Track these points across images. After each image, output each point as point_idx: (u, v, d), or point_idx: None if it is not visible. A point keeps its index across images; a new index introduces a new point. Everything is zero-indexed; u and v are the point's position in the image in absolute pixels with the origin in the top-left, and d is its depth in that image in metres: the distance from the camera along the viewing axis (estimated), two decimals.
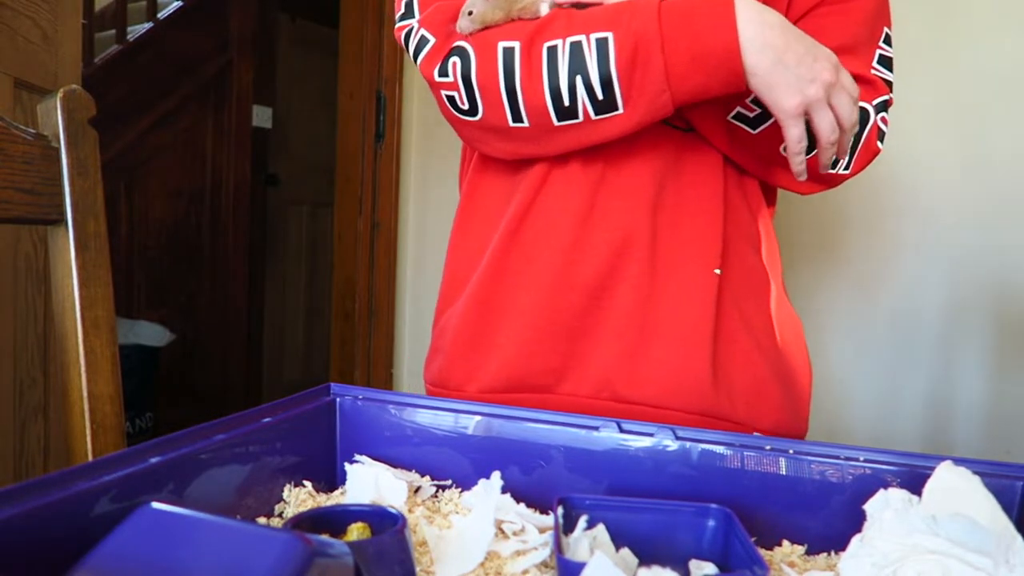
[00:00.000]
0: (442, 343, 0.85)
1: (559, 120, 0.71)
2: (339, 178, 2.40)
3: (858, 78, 0.75)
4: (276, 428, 0.53)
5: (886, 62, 0.82)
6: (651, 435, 0.54)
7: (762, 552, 0.50)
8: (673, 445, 0.54)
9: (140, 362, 2.61)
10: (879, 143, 0.81)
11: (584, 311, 0.78)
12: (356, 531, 0.44)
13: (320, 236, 3.55)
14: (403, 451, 0.58)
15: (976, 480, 0.47)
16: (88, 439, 0.65)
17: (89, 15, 2.49)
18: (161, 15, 2.81)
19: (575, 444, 0.55)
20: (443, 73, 0.74)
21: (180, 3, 2.86)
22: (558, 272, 0.78)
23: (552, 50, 0.70)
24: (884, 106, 0.81)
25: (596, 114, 0.70)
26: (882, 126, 0.81)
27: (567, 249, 0.78)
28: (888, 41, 0.82)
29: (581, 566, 0.39)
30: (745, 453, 0.53)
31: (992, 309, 1.59)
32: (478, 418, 0.57)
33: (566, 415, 0.57)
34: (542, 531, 0.50)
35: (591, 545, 0.45)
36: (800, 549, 0.52)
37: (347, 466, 0.57)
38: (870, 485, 0.51)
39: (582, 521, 0.46)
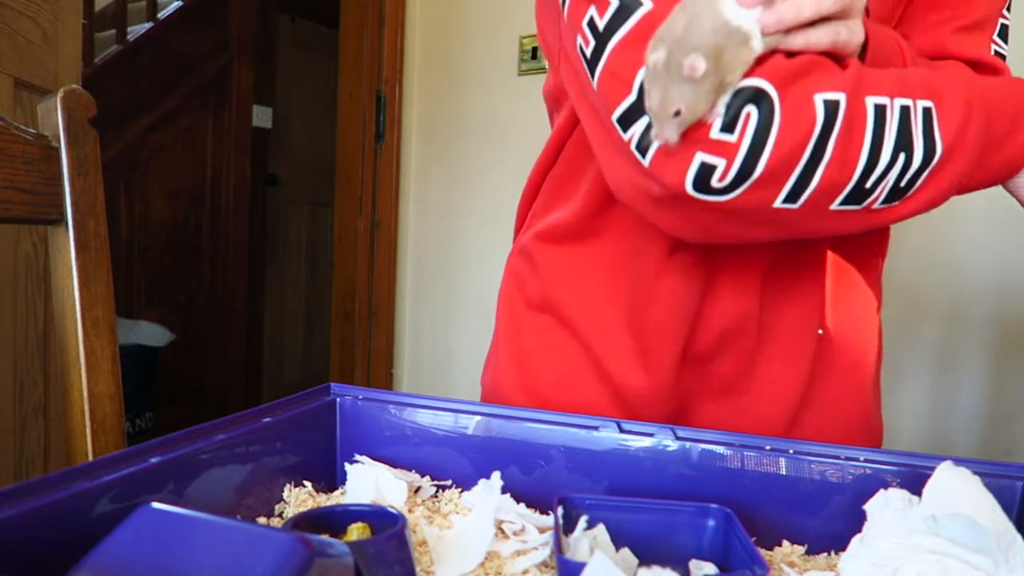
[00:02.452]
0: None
1: (840, 204, 0.55)
2: (339, 178, 2.40)
3: (978, 64, 0.67)
4: (276, 428, 0.53)
5: (1004, 33, 0.70)
6: (651, 435, 0.54)
7: (762, 552, 0.50)
8: (673, 445, 0.54)
9: (140, 362, 2.61)
10: None
11: (691, 379, 0.72)
12: (356, 531, 0.44)
13: (320, 236, 3.55)
14: (403, 451, 0.58)
15: (976, 480, 0.47)
16: (88, 439, 0.65)
17: (89, 15, 2.49)
18: (161, 15, 2.82)
19: (575, 444, 0.55)
20: (728, 129, 0.51)
21: (180, 3, 2.86)
22: (680, 351, 0.71)
23: (880, 110, 0.52)
24: None
25: (883, 203, 0.55)
26: None
27: (690, 327, 0.70)
28: (1009, 6, 0.70)
29: (581, 566, 0.39)
30: (745, 453, 0.53)
31: (992, 310, 1.59)
32: (478, 418, 0.57)
33: (566, 415, 0.57)
34: (542, 531, 0.50)
35: (591, 545, 0.45)
36: (800, 549, 0.52)
37: (347, 466, 0.57)
38: (870, 485, 0.51)
39: (582, 521, 0.46)
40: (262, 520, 0.51)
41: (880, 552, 0.43)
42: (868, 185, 0.53)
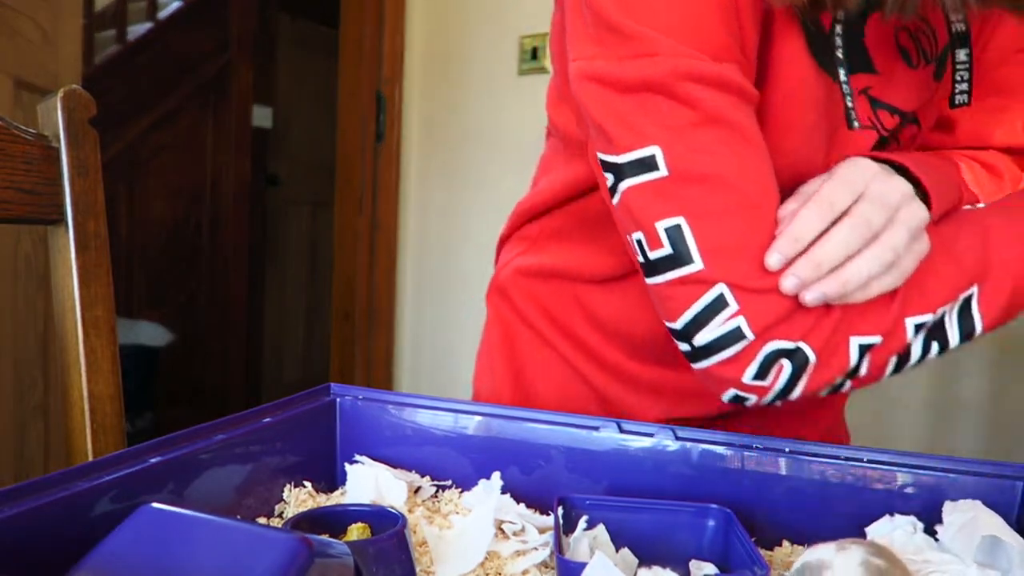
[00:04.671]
0: None
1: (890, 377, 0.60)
2: (339, 178, 2.40)
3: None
4: (276, 428, 0.53)
5: None
6: (651, 435, 0.54)
7: (762, 552, 0.50)
8: (673, 445, 0.54)
9: (140, 362, 2.61)
10: None
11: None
12: (356, 531, 0.44)
13: (320, 236, 3.55)
14: (403, 451, 0.58)
15: (977, 503, 0.47)
16: (88, 439, 0.65)
17: (89, 15, 2.49)
18: (161, 15, 2.82)
19: (575, 444, 0.55)
20: (760, 376, 0.54)
21: (180, 3, 2.86)
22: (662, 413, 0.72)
23: (919, 327, 0.54)
24: None
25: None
26: None
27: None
28: None
29: (581, 566, 0.39)
30: (745, 453, 0.53)
31: None
32: (478, 418, 0.57)
33: (566, 415, 0.57)
34: (542, 531, 0.50)
35: (591, 545, 0.45)
36: (800, 549, 0.51)
37: (347, 466, 0.57)
38: (871, 485, 0.51)
39: (582, 521, 0.46)
40: (262, 520, 0.51)
41: None
42: (905, 371, 0.56)
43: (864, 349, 0.53)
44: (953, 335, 0.55)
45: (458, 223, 2.25)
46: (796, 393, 0.54)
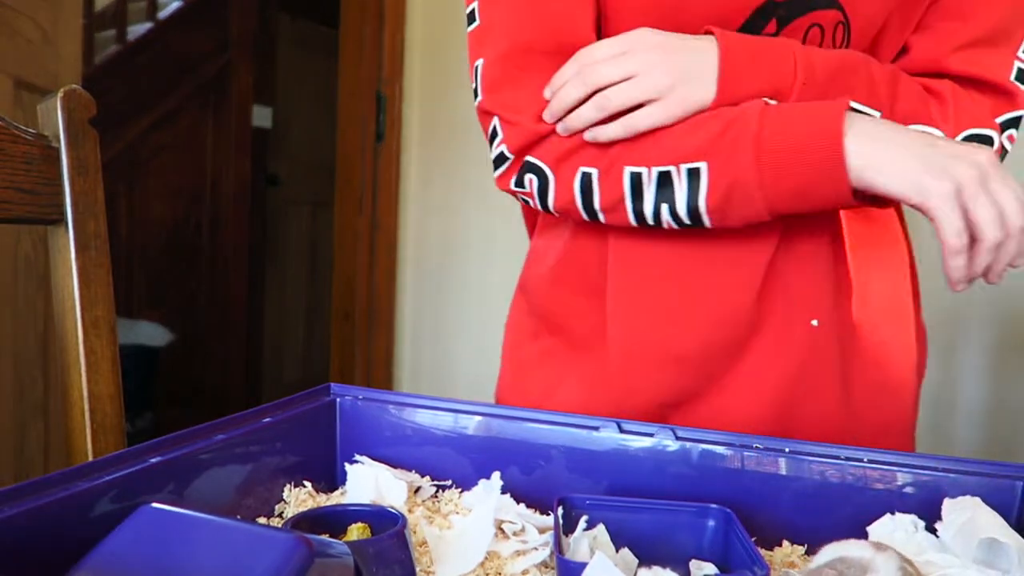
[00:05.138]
0: None
1: (646, 227, 0.66)
2: (339, 178, 2.39)
3: (990, 84, 0.67)
4: (276, 428, 0.53)
5: None
6: (651, 435, 0.54)
7: (762, 552, 0.50)
8: (673, 445, 0.54)
9: (140, 362, 2.61)
10: None
11: (675, 377, 0.73)
12: (356, 531, 0.44)
13: (320, 236, 3.54)
14: (403, 451, 0.58)
15: (977, 501, 0.47)
16: (88, 439, 0.65)
17: (89, 15, 2.49)
18: (161, 15, 2.81)
19: (575, 444, 0.55)
20: (519, 184, 0.69)
21: (180, 3, 2.86)
22: (658, 345, 0.71)
23: (636, 176, 0.63)
24: (1015, 122, 0.68)
25: (680, 228, 0.65)
26: (1007, 145, 0.69)
27: (670, 323, 0.71)
28: None
29: (581, 566, 0.39)
30: (745, 453, 0.53)
31: (992, 310, 1.59)
32: (478, 418, 0.57)
33: (566, 415, 0.57)
34: (542, 531, 0.50)
35: (591, 545, 0.45)
36: (800, 549, 0.52)
37: (347, 466, 0.57)
38: (871, 485, 0.51)
39: (582, 521, 0.46)
40: (262, 520, 0.51)
41: None
42: (651, 223, 0.65)
43: (586, 177, 0.65)
44: (680, 202, 0.62)
45: (458, 223, 2.25)
46: (551, 202, 0.67)
